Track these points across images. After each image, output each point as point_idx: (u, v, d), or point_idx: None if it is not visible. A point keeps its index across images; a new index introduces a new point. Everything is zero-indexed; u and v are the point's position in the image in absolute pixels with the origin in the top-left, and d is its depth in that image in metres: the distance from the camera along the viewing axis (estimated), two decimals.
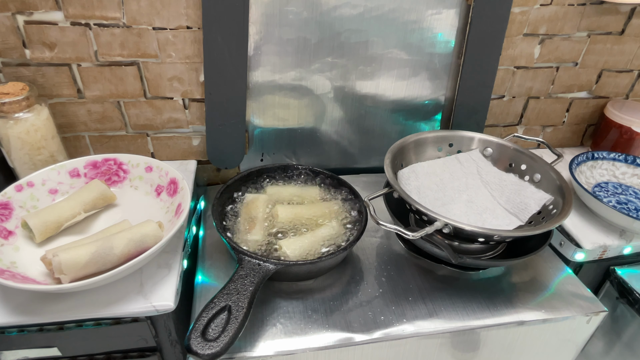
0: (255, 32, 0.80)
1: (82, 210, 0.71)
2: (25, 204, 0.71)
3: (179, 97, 0.86)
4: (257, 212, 0.77)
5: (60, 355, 0.66)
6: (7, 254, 0.64)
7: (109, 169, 0.79)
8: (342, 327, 0.64)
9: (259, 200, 0.79)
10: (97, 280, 0.57)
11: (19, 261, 0.64)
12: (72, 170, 0.77)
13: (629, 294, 0.81)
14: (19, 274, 0.61)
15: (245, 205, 0.79)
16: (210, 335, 0.55)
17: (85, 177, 0.78)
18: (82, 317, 0.60)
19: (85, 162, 0.78)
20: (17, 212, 0.70)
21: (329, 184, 0.85)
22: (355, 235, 0.72)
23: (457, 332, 0.66)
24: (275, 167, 0.86)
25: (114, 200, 0.77)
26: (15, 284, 0.55)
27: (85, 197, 0.72)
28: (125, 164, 0.79)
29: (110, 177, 0.79)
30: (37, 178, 0.74)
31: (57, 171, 0.76)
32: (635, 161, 0.93)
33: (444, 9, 0.83)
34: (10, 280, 0.56)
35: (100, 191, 0.74)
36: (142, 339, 0.66)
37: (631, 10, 0.91)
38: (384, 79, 0.89)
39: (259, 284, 0.61)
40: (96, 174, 0.79)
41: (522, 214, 0.74)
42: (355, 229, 0.75)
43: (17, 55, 0.77)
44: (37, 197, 0.73)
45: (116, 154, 0.80)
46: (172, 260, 0.68)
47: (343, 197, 0.82)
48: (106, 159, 0.79)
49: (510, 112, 1.02)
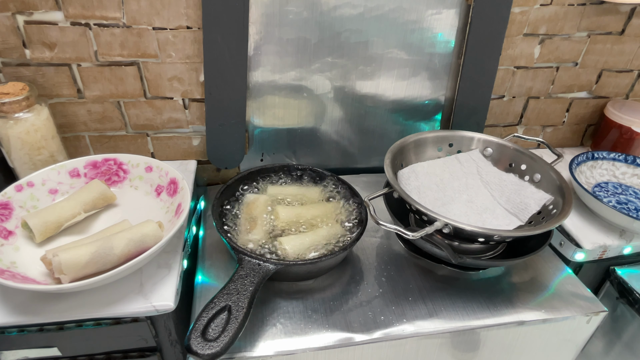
0: (255, 32, 0.80)
1: (82, 211, 0.71)
2: (25, 204, 0.71)
3: (179, 97, 0.86)
4: (258, 212, 0.77)
5: (60, 355, 0.66)
6: (7, 254, 0.64)
7: (109, 169, 0.79)
8: (342, 327, 0.64)
9: (259, 200, 0.79)
10: (97, 280, 0.57)
11: (19, 261, 0.64)
12: (72, 170, 0.77)
13: (629, 294, 0.81)
14: (19, 274, 0.61)
15: (246, 205, 0.79)
16: (210, 335, 0.55)
17: (85, 177, 0.78)
18: (82, 317, 0.60)
19: (85, 162, 0.78)
20: (17, 212, 0.70)
21: (329, 184, 0.85)
22: (355, 236, 0.72)
23: (457, 332, 0.66)
24: (275, 167, 0.86)
25: (114, 200, 0.77)
26: (15, 284, 0.55)
27: (85, 197, 0.72)
28: (125, 164, 0.79)
29: (110, 177, 0.79)
30: (37, 178, 0.73)
31: (57, 171, 0.76)
32: (635, 161, 0.93)
33: (444, 9, 0.83)
34: (10, 280, 0.56)
35: (100, 191, 0.74)
36: (142, 339, 0.66)
37: (631, 10, 0.91)
38: (384, 79, 0.89)
39: (259, 283, 0.61)
40: (96, 174, 0.79)
41: (522, 213, 0.74)
42: (355, 229, 0.75)
43: (17, 55, 0.77)
44: (37, 197, 0.73)
45: (116, 154, 0.79)
46: (172, 260, 0.68)
47: (343, 196, 0.82)
48: (106, 159, 0.79)
49: (510, 112, 1.02)
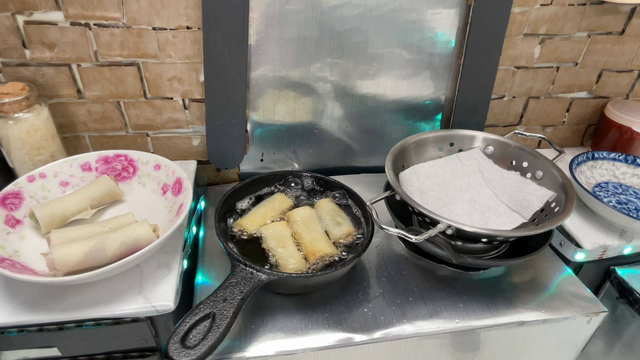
0: (255, 32, 0.80)
1: (88, 206, 0.72)
2: (36, 194, 0.73)
3: (179, 97, 0.86)
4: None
5: (60, 355, 0.66)
6: (11, 242, 0.65)
7: (120, 165, 0.80)
8: (342, 327, 0.64)
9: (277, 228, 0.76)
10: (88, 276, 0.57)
11: (22, 250, 0.65)
12: (84, 163, 0.78)
13: (629, 294, 0.81)
14: (19, 262, 0.62)
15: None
16: (189, 342, 0.54)
17: (96, 171, 0.79)
18: (82, 317, 0.60)
19: (97, 156, 0.79)
20: (27, 202, 0.71)
21: (337, 195, 0.83)
22: (352, 256, 0.68)
23: (457, 332, 0.66)
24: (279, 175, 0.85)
25: (121, 196, 0.77)
26: (11, 274, 0.56)
27: (92, 193, 0.73)
28: (135, 161, 0.80)
29: (120, 172, 0.80)
30: (49, 170, 0.75)
31: (69, 164, 0.77)
32: (635, 161, 0.93)
33: (444, 9, 0.83)
34: (7, 269, 0.57)
35: (108, 187, 0.75)
36: (142, 339, 0.66)
37: (631, 10, 0.91)
38: (384, 79, 0.89)
39: (248, 293, 0.60)
40: (107, 169, 0.80)
41: (525, 211, 0.74)
42: (358, 244, 0.73)
43: (17, 55, 0.77)
44: (48, 188, 0.75)
45: (127, 150, 0.81)
46: (172, 260, 0.68)
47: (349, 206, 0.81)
48: (117, 154, 0.80)
49: (511, 112, 1.02)
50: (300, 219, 0.76)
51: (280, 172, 0.85)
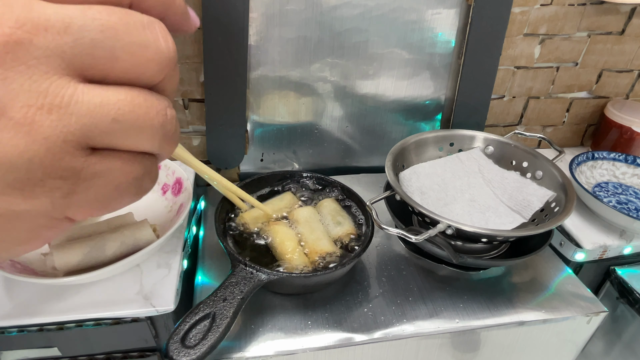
0: (255, 32, 0.80)
1: None
2: None
3: (179, 97, 0.86)
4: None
5: (60, 355, 0.66)
6: None
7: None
8: (342, 327, 0.64)
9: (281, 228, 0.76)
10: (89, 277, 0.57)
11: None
12: None
13: (629, 294, 0.81)
14: (19, 262, 0.62)
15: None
16: (189, 342, 0.54)
17: None
18: (82, 317, 0.60)
19: None
20: None
21: (339, 197, 0.83)
22: (353, 255, 0.68)
23: (457, 332, 0.66)
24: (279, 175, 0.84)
25: None
26: (11, 274, 0.56)
27: None
28: None
29: None
30: None
31: None
32: (635, 161, 0.93)
33: (444, 9, 0.83)
34: (7, 269, 0.56)
35: None
36: (142, 339, 0.66)
37: (631, 10, 0.91)
38: (384, 79, 0.89)
39: (248, 293, 0.60)
40: None
41: (525, 211, 0.74)
42: (359, 241, 0.73)
43: None
44: None
45: None
46: (172, 261, 0.68)
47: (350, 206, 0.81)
48: None
49: (511, 112, 1.02)
50: (302, 218, 0.76)
51: (280, 172, 0.85)
